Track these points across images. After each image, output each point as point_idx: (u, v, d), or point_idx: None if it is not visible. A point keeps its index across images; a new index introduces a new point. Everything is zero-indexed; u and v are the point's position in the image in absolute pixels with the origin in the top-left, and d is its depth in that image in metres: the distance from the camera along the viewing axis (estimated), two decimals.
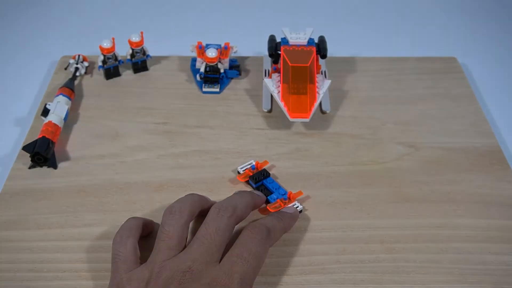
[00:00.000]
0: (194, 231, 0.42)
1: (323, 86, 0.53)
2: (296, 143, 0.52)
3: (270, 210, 0.44)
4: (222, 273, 0.35)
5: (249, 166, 0.48)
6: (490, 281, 0.40)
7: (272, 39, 0.56)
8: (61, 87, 0.55)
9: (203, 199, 0.42)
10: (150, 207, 0.45)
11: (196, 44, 0.58)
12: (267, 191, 0.46)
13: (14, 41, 0.68)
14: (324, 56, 0.54)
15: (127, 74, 0.60)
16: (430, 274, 0.40)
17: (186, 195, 0.42)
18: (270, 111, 0.56)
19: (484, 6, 0.77)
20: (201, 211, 0.42)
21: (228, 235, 0.38)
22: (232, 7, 0.76)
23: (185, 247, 0.38)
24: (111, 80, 0.59)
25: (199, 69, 0.58)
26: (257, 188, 0.46)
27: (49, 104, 0.52)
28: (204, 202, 0.42)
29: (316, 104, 0.52)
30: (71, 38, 0.69)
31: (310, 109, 0.51)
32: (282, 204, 0.44)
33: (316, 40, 0.56)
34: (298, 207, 0.44)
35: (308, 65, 0.52)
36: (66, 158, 0.50)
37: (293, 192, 0.45)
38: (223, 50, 0.58)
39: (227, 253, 0.37)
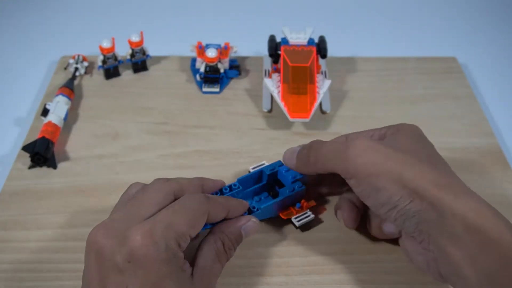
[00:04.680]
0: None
1: (323, 86, 0.53)
2: (296, 143, 0.52)
3: (283, 217, 0.43)
4: (145, 222, 0.32)
5: (262, 166, 0.46)
6: None
7: (272, 39, 0.56)
8: (60, 87, 0.55)
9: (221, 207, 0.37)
10: None
11: (196, 44, 0.58)
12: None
13: (14, 41, 0.68)
14: (324, 56, 0.55)
15: (127, 74, 0.60)
16: None
17: (195, 196, 0.35)
18: (270, 111, 0.56)
19: (484, 6, 0.77)
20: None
21: (161, 196, 0.35)
22: (232, 7, 0.75)
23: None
24: (111, 80, 0.59)
25: (199, 69, 0.58)
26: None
27: (48, 104, 0.52)
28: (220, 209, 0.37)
29: (316, 104, 0.51)
30: (71, 38, 0.69)
31: (310, 109, 0.51)
32: (295, 212, 0.43)
33: (316, 40, 0.56)
34: (309, 216, 0.43)
35: (308, 65, 0.52)
36: (66, 158, 0.50)
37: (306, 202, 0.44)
38: (223, 50, 0.58)
39: None
